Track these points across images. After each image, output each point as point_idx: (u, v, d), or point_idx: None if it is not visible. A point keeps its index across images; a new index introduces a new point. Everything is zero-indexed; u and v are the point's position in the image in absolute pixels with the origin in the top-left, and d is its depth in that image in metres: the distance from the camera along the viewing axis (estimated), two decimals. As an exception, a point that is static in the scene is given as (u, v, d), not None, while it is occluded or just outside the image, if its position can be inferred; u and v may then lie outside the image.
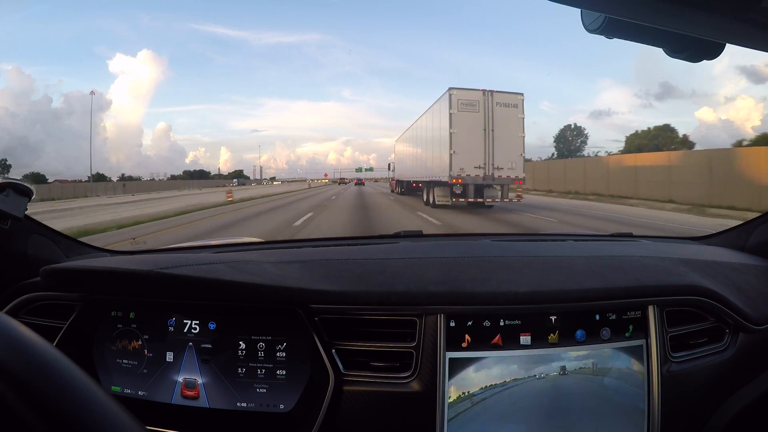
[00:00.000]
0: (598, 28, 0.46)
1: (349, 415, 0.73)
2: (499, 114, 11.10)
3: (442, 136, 11.63)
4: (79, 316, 0.82)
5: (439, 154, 11.94)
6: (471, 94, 11.12)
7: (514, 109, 11.37)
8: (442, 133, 11.57)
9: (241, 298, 0.79)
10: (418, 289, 0.77)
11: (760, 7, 0.39)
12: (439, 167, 11.84)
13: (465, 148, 10.86)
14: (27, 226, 0.92)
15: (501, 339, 0.74)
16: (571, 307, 0.77)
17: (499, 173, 11.09)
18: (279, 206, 14.12)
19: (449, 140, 10.99)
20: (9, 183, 0.82)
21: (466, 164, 10.86)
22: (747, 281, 0.92)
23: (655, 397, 0.76)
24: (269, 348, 0.77)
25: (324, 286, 0.78)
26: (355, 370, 0.75)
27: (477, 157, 10.95)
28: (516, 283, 0.78)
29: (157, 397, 0.78)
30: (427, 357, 0.74)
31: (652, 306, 0.80)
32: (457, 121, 10.98)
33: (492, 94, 11.12)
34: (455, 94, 11.09)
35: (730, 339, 0.86)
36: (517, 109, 11.39)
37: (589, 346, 0.76)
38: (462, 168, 10.88)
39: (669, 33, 0.45)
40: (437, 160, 12.22)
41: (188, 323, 0.80)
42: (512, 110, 11.32)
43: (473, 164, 10.94)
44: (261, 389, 0.76)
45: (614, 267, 0.86)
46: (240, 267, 0.82)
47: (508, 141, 11.05)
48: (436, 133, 12.51)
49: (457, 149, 10.94)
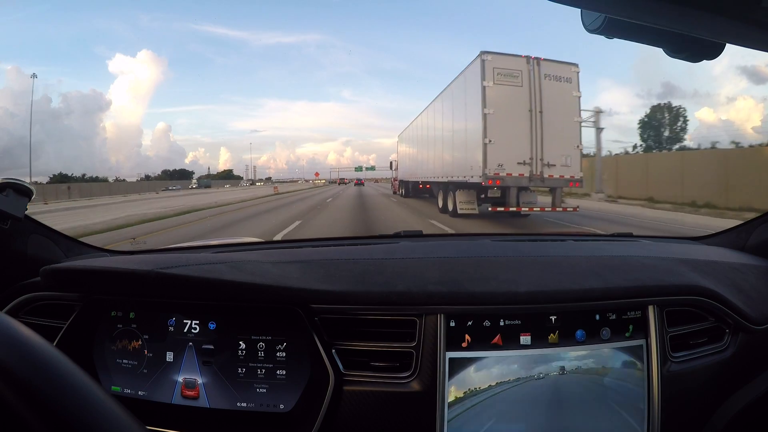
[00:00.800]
0: (598, 28, 0.46)
1: (349, 415, 0.73)
2: (549, 90, 8.02)
3: (470, 121, 8.53)
4: (79, 316, 0.82)
5: (465, 146, 8.88)
6: (511, 61, 8.01)
7: (568, 85, 8.23)
8: (471, 115, 8.41)
9: (241, 298, 0.79)
10: (418, 289, 0.77)
11: (760, 7, 0.39)
12: (465, 164, 8.74)
13: (505, 136, 7.77)
14: (27, 226, 0.92)
15: (501, 339, 0.74)
16: (571, 307, 0.77)
17: (549, 172, 7.98)
18: (206, 231, 8.34)
19: (483, 125, 7.80)
20: (9, 183, 0.82)
21: (506, 159, 7.80)
22: (747, 281, 0.92)
23: (655, 397, 0.76)
24: (269, 348, 0.77)
25: (324, 286, 0.78)
26: (355, 370, 0.75)
27: (521, 150, 7.87)
28: (516, 283, 0.78)
29: (157, 397, 0.78)
30: (427, 357, 0.74)
31: (652, 306, 0.80)
32: (494, 97, 7.84)
33: (539, 63, 8.03)
34: (490, 60, 7.86)
35: (730, 339, 0.86)
36: (571, 85, 8.26)
37: (589, 346, 0.76)
38: (501, 164, 7.78)
39: (669, 33, 0.45)
40: (463, 153, 9.05)
41: (188, 323, 0.80)
42: (565, 86, 8.21)
43: (516, 159, 7.83)
44: (261, 389, 0.76)
45: (614, 267, 0.86)
46: (240, 267, 0.82)
47: (560, 128, 8.02)
48: (459, 117, 9.33)
49: (494, 137, 7.74)
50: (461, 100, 9.19)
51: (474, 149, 8.26)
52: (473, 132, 8.33)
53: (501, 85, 7.88)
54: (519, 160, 7.86)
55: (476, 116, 8.08)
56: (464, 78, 9.06)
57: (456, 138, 9.67)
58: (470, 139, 8.57)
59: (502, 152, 7.79)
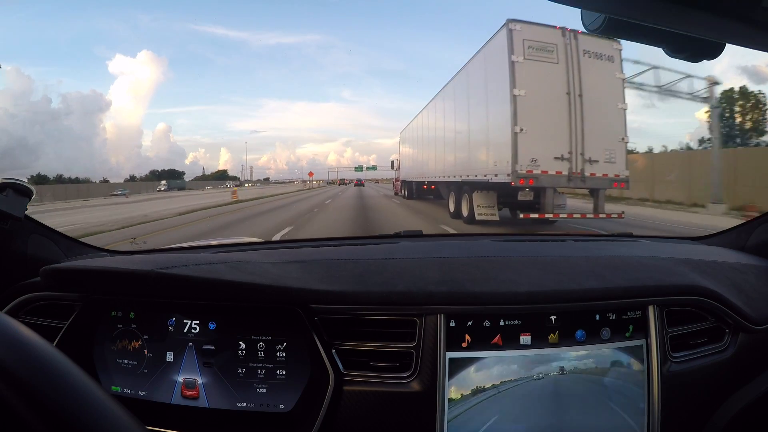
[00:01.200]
0: (599, 28, 0.46)
1: (349, 415, 0.73)
2: (589, 70, 6.46)
3: (494, 106, 6.91)
4: (79, 316, 0.82)
5: (486, 138, 7.32)
6: (545, 32, 6.40)
7: (610, 65, 6.66)
8: (495, 99, 6.78)
9: (241, 298, 0.79)
10: (418, 289, 0.77)
11: (760, 7, 0.39)
12: (487, 160, 7.17)
13: (539, 124, 6.20)
14: (27, 226, 0.92)
15: (501, 339, 0.74)
16: (571, 307, 0.77)
17: (591, 169, 6.40)
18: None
19: (512, 109, 6.18)
20: (9, 183, 0.82)
21: (541, 153, 6.20)
22: (747, 281, 0.92)
23: (655, 397, 0.76)
24: (269, 348, 0.77)
25: (324, 286, 0.78)
26: (355, 370, 0.75)
27: (558, 142, 6.27)
28: (516, 283, 0.78)
29: (157, 397, 0.78)
30: (427, 357, 0.74)
31: (652, 306, 0.80)
32: (525, 76, 6.22)
33: (576, 37, 6.41)
34: (519, 30, 6.27)
35: (730, 339, 0.86)
36: (613, 65, 6.68)
37: (589, 346, 0.76)
38: (534, 159, 6.18)
39: (669, 33, 0.45)
40: (483, 147, 7.48)
41: (188, 323, 0.80)
42: (607, 65, 6.64)
43: (552, 153, 6.26)
44: (261, 389, 0.76)
45: (614, 267, 0.86)
46: (240, 267, 0.82)
47: (603, 116, 6.49)
48: (478, 103, 7.64)
49: (526, 126, 6.14)
50: (480, 82, 7.56)
51: (499, 141, 6.61)
52: (498, 120, 6.66)
53: (533, 61, 6.24)
54: (556, 155, 6.22)
55: (502, 100, 6.45)
56: (484, 56, 7.40)
57: (473, 129, 7.90)
58: (494, 128, 6.85)
59: (535, 145, 6.15)
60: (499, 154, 6.65)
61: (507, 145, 6.32)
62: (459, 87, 9.04)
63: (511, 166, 6.22)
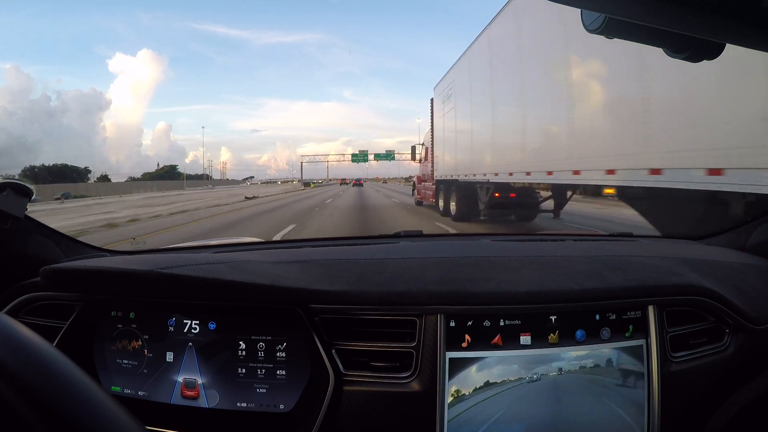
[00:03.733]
0: (599, 28, 0.46)
1: (349, 415, 0.73)
2: None
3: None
4: (79, 316, 0.82)
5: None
6: None
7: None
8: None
9: (241, 298, 0.79)
10: (418, 289, 0.77)
11: (760, 7, 0.39)
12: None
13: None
14: (27, 226, 0.92)
15: (501, 339, 0.74)
16: (571, 307, 0.77)
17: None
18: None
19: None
20: (9, 183, 0.82)
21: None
22: (747, 281, 0.92)
23: (655, 397, 0.76)
24: (269, 348, 0.77)
25: (324, 286, 0.78)
26: (355, 370, 0.75)
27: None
28: (516, 283, 0.78)
29: (157, 397, 0.78)
30: (427, 357, 0.74)
31: (652, 306, 0.80)
32: None
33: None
34: None
35: (730, 339, 0.86)
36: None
37: (589, 346, 0.76)
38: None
39: (669, 33, 0.45)
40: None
41: (188, 323, 0.80)
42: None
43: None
44: (261, 389, 0.76)
45: (614, 267, 0.86)
46: (240, 267, 0.82)
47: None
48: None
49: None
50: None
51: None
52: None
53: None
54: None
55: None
56: None
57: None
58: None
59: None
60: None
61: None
62: None
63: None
